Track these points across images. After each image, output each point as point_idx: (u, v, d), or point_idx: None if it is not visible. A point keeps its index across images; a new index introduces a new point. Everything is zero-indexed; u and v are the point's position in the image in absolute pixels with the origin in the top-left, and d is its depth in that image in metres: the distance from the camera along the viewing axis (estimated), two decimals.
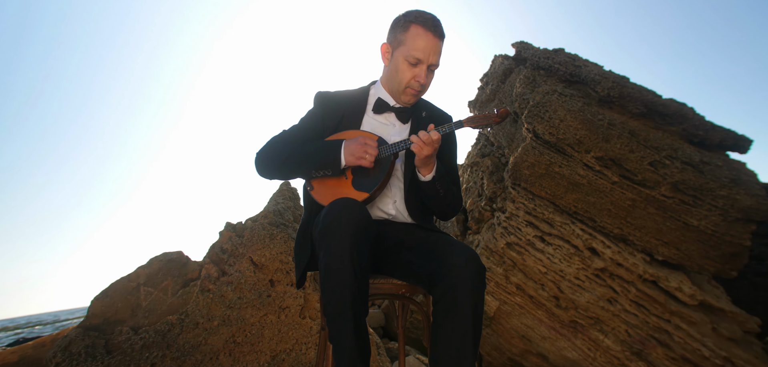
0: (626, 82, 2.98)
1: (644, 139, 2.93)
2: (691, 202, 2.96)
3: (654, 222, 2.99)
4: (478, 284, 1.30)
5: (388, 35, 1.67)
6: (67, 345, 3.12)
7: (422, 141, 1.49)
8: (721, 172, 3.01)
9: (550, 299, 2.90)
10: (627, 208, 2.90)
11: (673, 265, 3.08)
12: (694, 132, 3.10)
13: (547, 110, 2.77)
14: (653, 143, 2.94)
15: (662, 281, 2.99)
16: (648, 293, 3.00)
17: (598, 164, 2.81)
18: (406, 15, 1.62)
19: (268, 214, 2.86)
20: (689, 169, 2.96)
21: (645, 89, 3.02)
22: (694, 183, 2.95)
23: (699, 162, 3.00)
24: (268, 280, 2.71)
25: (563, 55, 3.03)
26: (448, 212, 1.73)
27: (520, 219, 2.86)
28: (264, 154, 1.66)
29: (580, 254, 2.86)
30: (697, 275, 3.15)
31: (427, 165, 1.57)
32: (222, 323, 2.70)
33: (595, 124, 2.78)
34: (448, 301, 1.29)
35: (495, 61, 3.60)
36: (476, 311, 1.29)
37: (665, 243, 3.01)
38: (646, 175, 2.90)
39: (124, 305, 2.96)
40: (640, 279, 3.01)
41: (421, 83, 1.61)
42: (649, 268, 2.99)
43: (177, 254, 3.07)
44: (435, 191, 1.62)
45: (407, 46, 1.58)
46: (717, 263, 3.07)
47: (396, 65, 1.62)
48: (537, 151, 2.77)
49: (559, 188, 2.82)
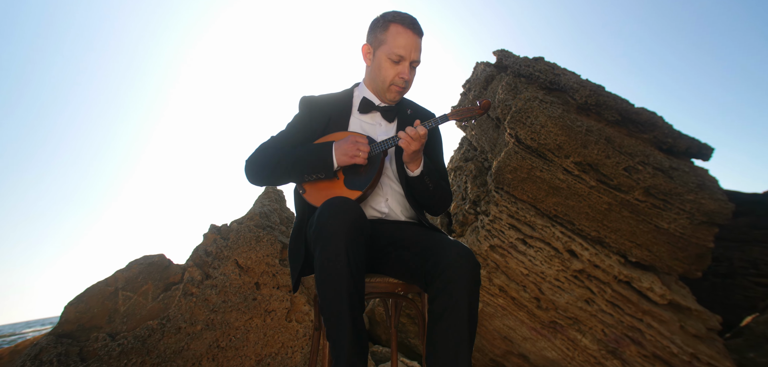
0: (602, 90, 3.12)
1: (619, 145, 3.07)
2: (661, 206, 3.12)
3: (628, 225, 3.13)
4: (473, 280, 1.34)
5: (368, 36, 1.70)
6: (37, 354, 2.99)
7: (410, 136, 1.52)
8: (688, 178, 3.18)
9: (531, 300, 2.99)
10: (603, 211, 3.03)
11: (644, 266, 3.23)
12: (664, 139, 3.27)
13: (528, 116, 2.87)
14: (627, 149, 3.09)
15: (635, 282, 3.13)
16: (622, 293, 3.13)
17: (576, 169, 2.93)
18: (384, 15, 1.66)
19: (254, 216, 2.83)
20: (660, 175, 3.12)
21: (619, 98, 3.17)
22: (665, 188, 3.11)
23: (669, 168, 3.16)
24: (254, 283, 2.68)
25: (543, 63, 3.15)
26: (439, 206, 1.75)
27: (503, 222, 2.94)
28: (254, 161, 1.66)
29: (560, 256, 2.96)
30: (666, 276, 3.31)
31: (415, 160, 1.60)
32: (205, 327, 2.64)
33: (574, 131, 2.89)
34: (445, 298, 1.31)
35: (477, 68, 3.69)
36: (472, 307, 1.32)
37: (638, 245, 3.15)
38: (621, 180, 3.04)
39: (100, 311, 2.85)
40: (615, 280, 3.14)
41: (405, 79, 1.64)
42: (624, 269, 3.13)
43: (158, 257, 2.99)
44: (424, 185, 1.65)
45: (389, 45, 1.62)
46: (684, 264, 3.24)
47: (379, 64, 1.65)
48: (519, 155, 2.86)
49: (541, 192, 2.92)
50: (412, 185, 1.66)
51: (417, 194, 1.69)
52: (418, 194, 1.68)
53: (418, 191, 1.67)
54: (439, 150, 1.87)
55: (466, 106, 1.64)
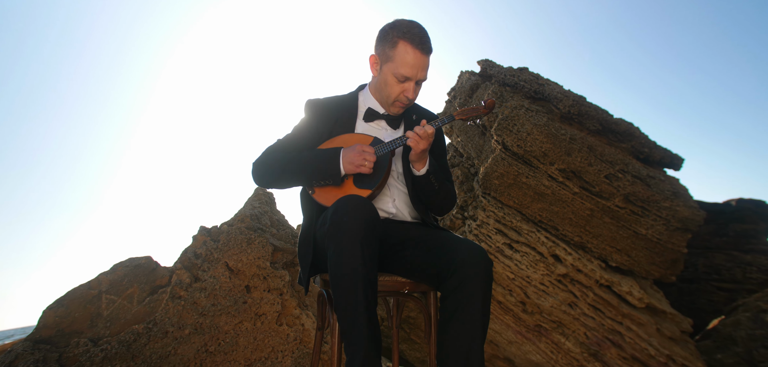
0: (584, 101, 3.26)
1: (600, 154, 3.21)
2: (640, 212, 3.26)
3: (609, 231, 3.25)
4: (487, 277, 1.38)
5: (376, 46, 1.70)
6: (11, 361, 2.88)
7: (418, 135, 1.56)
8: (664, 186, 3.34)
9: (517, 304, 3.06)
10: (586, 217, 3.14)
11: (624, 271, 3.36)
12: (641, 149, 3.43)
13: (515, 124, 2.96)
14: (608, 158, 3.23)
15: (616, 286, 3.25)
16: (604, 297, 3.24)
17: (561, 176, 3.04)
18: (394, 29, 1.64)
19: (245, 217, 2.81)
20: (638, 183, 3.26)
21: (600, 108, 3.32)
22: (643, 195, 3.25)
23: (646, 176, 3.31)
24: (244, 286, 2.66)
25: (527, 73, 3.26)
26: (445, 206, 1.79)
27: (490, 227, 3.02)
28: (261, 165, 1.68)
29: (544, 261, 3.05)
30: (643, 280, 3.45)
31: (422, 159, 1.64)
32: (194, 331, 2.60)
33: (558, 139, 3.01)
34: (459, 296, 1.35)
35: (462, 76, 3.79)
36: (485, 304, 1.36)
37: (618, 250, 3.28)
38: (602, 187, 3.16)
39: (82, 315, 2.76)
40: (597, 284, 3.25)
41: (409, 98, 1.67)
42: (605, 274, 3.24)
43: (145, 260, 2.93)
44: (430, 184, 1.68)
45: (395, 63, 1.61)
46: (661, 269, 3.39)
47: (384, 79, 1.67)
48: (506, 162, 2.95)
49: (526, 198, 3.01)
50: (418, 184, 1.69)
51: (423, 194, 1.71)
52: (424, 193, 1.71)
53: (424, 190, 1.70)
54: (443, 151, 1.91)
55: (472, 106, 1.69)
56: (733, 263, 4.48)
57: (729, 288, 4.43)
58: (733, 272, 4.44)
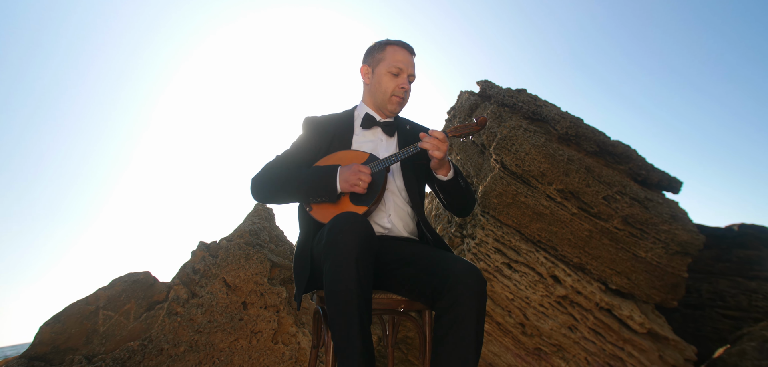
0: (581, 122, 3.30)
1: (598, 175, 3.22)
2: (639, 235, 3.25)
3: (608, 252, 3.24)
4: (481, 297, 1.38)
5: (365, 59, 1.85)
6: None
7: (437, 139, 1.61)
8: (662, 209, 3.34)
9: (516, 325, 3.03)
10: (585, 238, 3.14)
11: (624, 294, 3.32)
12: (638, 171, 3.45)
13: (513, 143, 3.00)
14: (606, 179, 3.24)
15: (616, 310, 3.21)
16: (604, 321, 3.20)
17: (559, 196, 3.05)
18: (380, 41, 1.83)
19: (244, 233, 2.82)
20: (637, 205, 3.26)
21: (597, 130, 3.36)
22: (641, 217, 3.25)
23: (644, 198, 3.32)
24: (241, 302, 2.64)
25: (525, 95, 3.32)
26: (470, 205, 1.85)
27: (489, 246, 3.01)
28: (260, 181, 1.72)
29: (544, 282, 3.03)
30: (644, 304, 3.41)
31: (444, 165, 1.69)
32: (189, 348, 2.57)
33: (556, 159, 3.03)
34: (452, 315, 1.34)
35: (461, 96, 3.85)
36: (479, 325, 1.36)
37: (618, 273, 3.25)
38: (600, 208, 3.17)
39: (78, 331, 2.74)
40: (597, 307, 3.21)
41: (405, 89, 1.77)
42: (605, 296, 3.21)
43: (143, 275, 2.92)
44: (458, 186, 1.75)
45: (388, 61, 1.77)
46: (661, 293, 3.35)
47: (379, 79, 1.79)
48: (504, 181, 2.97)
49: (525, 217, 3.02)
50: (447, 189, 1.75)
51: (452, 197, 1.78)
52: (453, 196, 1.77)
53: (452, 193, 1.76)
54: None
55: (464, 123, 1.74)
56: (737, 289, 4.42)
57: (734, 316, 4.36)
58: (738, 299, 4.38)
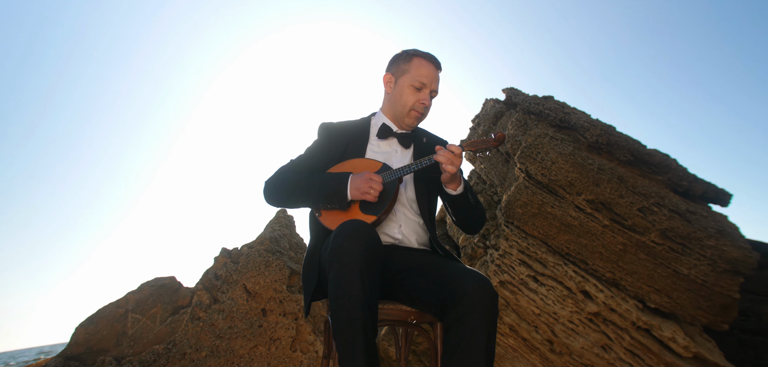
0: (613, 130, 3.14)
1: (633, 185, 3.04)
2: (680, 250, 3.02)
3: (645, 268, 3.03)
4: (492, 311, 1.31)
5: (390, 67, 1.81)
6: None
7: (453, 153, 1.57)
8: (707, 223, 3.10)
9: (543, 342, 2.87)
10: (618, 252, 2.95)
11: (665, 314, 3.09)
12: (679, 182, 3.22)
13: (539, 152, 2.89)
14: (641, 190, 3.05)
15: (656, 330, 2.98)
16: (642, 341, 2.98)
17: (589, 207, 2.90)
18: (408, 50, 1.78)
19: (265, 240, 2.86)
20: (677, 218, 3.05)
21: (631, 138, 3.18)
22: (682, 231, 3.03)
23: (685, 211, 3.09)
24: (261, 309, 2.66)
25: (552, 102, 3.20)
26: (478, 223, 1.80)
27: (513, 257, 2.89)
28: (272, 184, 1.72)
29: (573, 297, 2.87)
30: (689, 326, 3.15)
31: (455, 179, 1.65)
32: (210, 354, 2.61)
33: (585, 168, 2.89)
34: (461, 328, 1.29)
35: (486, 104, 3.78)
36: (490, 339, 1.29)
37: (657, 290, 3.03)
38: (635, 221, 2.98)
39: (109, 333, 2.86)
40: (633, 326, 3.00)
41: (425, 105, 1.73)
42: (642, 315, 3.00)
43: (169, 280, 3.02)
44: (467, 202, 1.69)
45: (412, 74, 1.72)
46: (709, 314, 3.09)
47: (400, 91, 1.75)
48: (530, 190, 2.86)
49: (552, 229, 2.88)
50: (456, 203, 1.71)
51: (460, 213, 1.73)
52: (461, 211, 1.73)
53: (461, 208, 1.72)
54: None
55: (481, 138, 1.69)
56: None
57: None
58: None
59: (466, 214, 1.73)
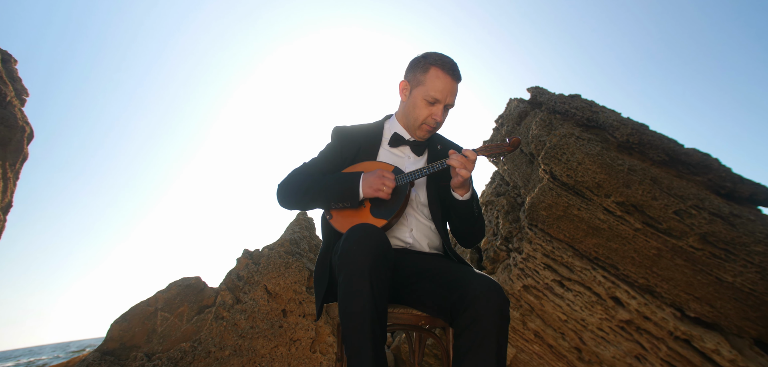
0: (646, 129, 2.97)
1: (668, 187, 2.86)
2: (723, 256, 2.81)
3: (683, 274, 2.84)
4: (502, 316, 1.28)
5: (407, 73, 1.75)
6: None
7: (467, 158, 1.53)
8: (754, 227, 2.87)
9: (571, 350, 2.74)
10: (652, 257, 2.78)
11: (707, 323, 2.87)
12: (721, 183, 3.01)
13: (564, 152, 2.78)
14: (677, 192, 2.87)
15: (696, 341, 2.78)
16: (681, 352, 2.79)
17: (619, 209, 2.75)
18: (426, 57, 1.70)
19: (285, 242, 2.91)
20: (718, 221, 2.84)
21: (666, 137, 3.00)
22: (725, 236, 2.82)
23: (729, 214, 2.88)
24: (281, 310, 2.70)
25: (580, 100, 3.08)
26: (479, 234, 1.74)
27: (537, 261, 2.79)
28: (285, 187, 1.73)
29: (603, 303, 2.72)
30: (736, 338, 2.92)
31: (465, 185, 1.61)
32: (233, 352, 2.67)
33: (614, 169, 2.75)
34: (471, 334, 1.26)
35: (510, 104, 3.68)
36: (500, 345, 1.26)
37: (697, 299, 2.83)
38: (671, 224, 2.80)
39: (140, 330, 2.99)
40: (670, 336, 2.81)
41: (436, 121, 1.67)
42: (681, 324, 2.81)
43: (195, 280, 3.12)
44: (470, 211, 1.64)
45: (426, 87, 1.65)
46: (758, 326, 2.85)
47: (414, 103, 1.69)
48: (554, 192, 2.76)
49: (579, 232, 2.76)
50: (459, 210, 1.66)
51: (461, 220, 1.68)
52: (463, 219, 1.68)
53: (463, 216, 1.67)
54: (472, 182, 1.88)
55: (495, 143, 1.63)
56: None
57: None
58: None
59: (467, 223, 1.68)
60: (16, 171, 5.90)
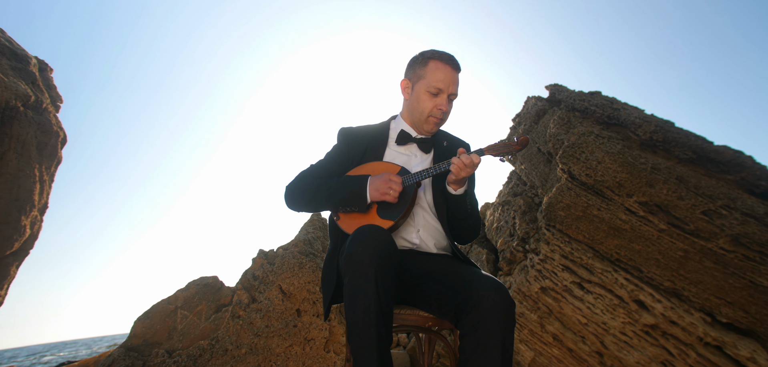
0: (671, 126, 2.84)
1: (695, 186, 2.73)
2: (757, 258, 2.66)
3: (713, 278, 2.69)
4: (507, 317, 1.26)
5: (407, 72, 1.77)
6: (109, 364, 3.28)
7: (464, 163, 1.53)
8: None
9: (592, 354, 2.64)
10: (678, 259, 2.66)
11: (741, 329, 2.72)
12: (755, 182, 2.84)
13: (583, 151, 2.69)
14: (706, 191, 2.73)
15: (729, 348, 2.64)
16: (712, 359, 2.65)
17: (642, 209, 2.64)
18: (424, 53, 1.72)
19: (299, 243, 2.93)
20: (752, 222, 2.69)
21: (693, 134, 2.86)
22: (760, 237, 2.66)
23: (764, 214, 2.72)
24: (296, 309, 2.72)
25: (600, 97, 2.98)
26: (471, 231, 1.72)
27: (555, 262, 2.70)
28: (293, 189, 1.74)
29: (625, 307, 2.62)
30: None
31: (460, 182, 1.61)
32: (249, 351, 2.71)
33: (637, 168, 2.65)
34: (476, 336, 1.25)
35: (528, 102, 3.59)
36: (506, 347, 1.23)
37: (729, 303, 2.68)
38: (699, 225, 2.67)
39: (162, 328, 3.08)
40: (700, 342, 2.67)
41: (442, 111, 1.67)
42: (711, 330, 2.66)
43: (212, 279, 3.19)
44: (464, 206, 1.63)
45: (427, 79, 1.67)
46: None
47: (417, 97, 1.70)
48: (573, 192, 2.67)
49: (599, 232, 2.66)
50: (451, 203, 1.66)
51: (455, 214, 1.67)
52: (457, 213, 1.67)
53: (456, 210, 1.66)
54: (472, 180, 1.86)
55: (502, 142, 1.61)
56: None
57: None
58: None
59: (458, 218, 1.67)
60: (51, 174, 6.21)
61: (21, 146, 5.60)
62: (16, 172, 5.54)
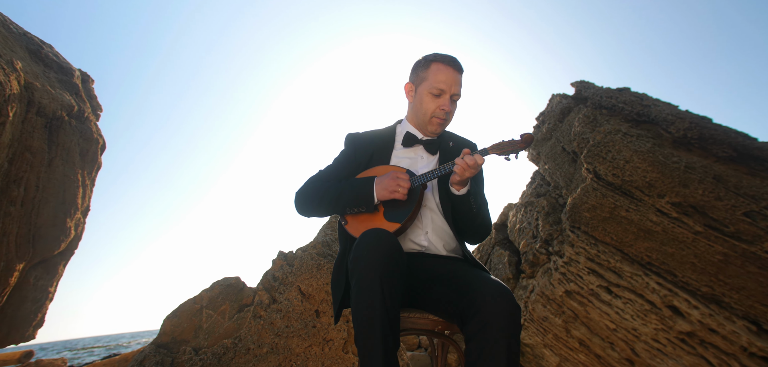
0: (708, 123, 2.67)
1: (735, 185, 2.55)
2: None
3: (758, 284, 2.50)
4: (512, 322, 1.24)
5: (410, 76, 1.82)
6: (142, 360, 3.41)
7: (467, 163, 1.53)
8: None
9: (621, 361, 2.51)
10: (717, 263, 2.49)
11: None
12: None
13: (609, 151, 2.57)
14: (748, 191, 2.54)
15: None
16: None
17: (675, 211, 2.49)
18: (426, 56, 1.76)
19: (317, 244, 2.96)
20: None
21: (733, 131, 2.68)
22: None
23: None
24: (314, 310, 2.74)
25: (629, 94, 2.84)
26: (480, 231, 1.71)
27: (580, 265, 2.59)
28: (302, 195, 1.77)
29: (657, 312, 2.47)
30: None
31: (465, 183, 1.61)
32: (270, 350, 2.75)
33: (669, 167, 2.50)
34: (481, 340, 1.23)
35: (552, 100, 3.48)
36: (511, 352, 1.21)
37: None
38: (740, 227, 2.49)
39: (189, 326, 3.18)
40: (744, 352, 2.49)
41: (446, 111, 1.69)
42: (757, 340, 2.48)
43: (235, 280, 3.26)
44: (468, 205, 1.62)
45: (430, 81, 1.70)
46: None
47: (420, 99, 1.73)
48: (599, 192, 2.55)
49: (628, 235, 2.53)
50: (456, 204, 1.64)
51: (460, 214, 1.66)
52: (462, 214, 1.65)
53: (461, 211, 1.65)
54: (480, 180, 1.84)
55: (508, 140, 1.58)
56: None
57: None
58: None
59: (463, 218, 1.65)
60: (92, 179, 6.58)
61: (66, 153, 5.96)
62: (62, 178, 5.90)
